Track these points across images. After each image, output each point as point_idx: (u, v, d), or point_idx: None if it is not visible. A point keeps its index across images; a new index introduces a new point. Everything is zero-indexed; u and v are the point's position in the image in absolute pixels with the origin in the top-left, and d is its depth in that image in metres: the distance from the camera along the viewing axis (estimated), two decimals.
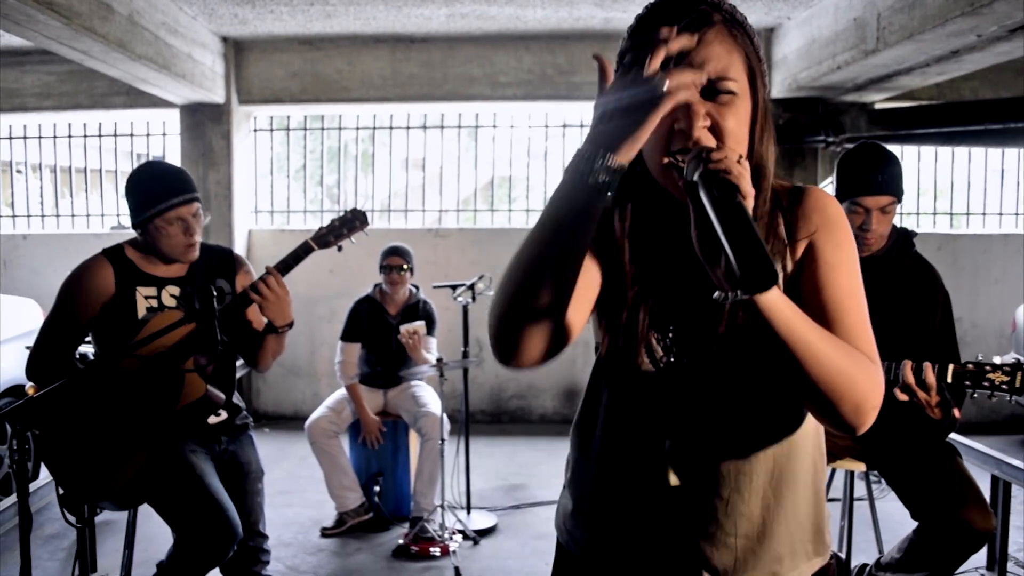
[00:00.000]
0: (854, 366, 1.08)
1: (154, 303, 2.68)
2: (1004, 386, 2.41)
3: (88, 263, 2.69)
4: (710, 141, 1.12)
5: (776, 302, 1.01)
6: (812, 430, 1.27)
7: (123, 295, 2.65)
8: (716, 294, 1.03)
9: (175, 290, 2.71)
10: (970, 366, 2.44)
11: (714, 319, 1.19)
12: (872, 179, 2.76)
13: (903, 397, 2.43)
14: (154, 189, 2.66)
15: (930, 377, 2.40)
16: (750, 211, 0.98)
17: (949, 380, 2.42)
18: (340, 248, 2.77)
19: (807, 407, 1.19)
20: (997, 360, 2.46)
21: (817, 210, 1.21)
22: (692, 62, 1.11)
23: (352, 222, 2.76)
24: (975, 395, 2.46)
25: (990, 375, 2.43)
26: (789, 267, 1.20)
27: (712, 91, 1.13)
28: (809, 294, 1.17)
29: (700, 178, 1.02)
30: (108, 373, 2.50)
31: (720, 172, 1.00)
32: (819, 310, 1.15)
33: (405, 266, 4.42)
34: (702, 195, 1.01)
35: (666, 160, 1.13)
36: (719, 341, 1.21)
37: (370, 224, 2.80)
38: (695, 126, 1.11)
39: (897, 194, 2.76)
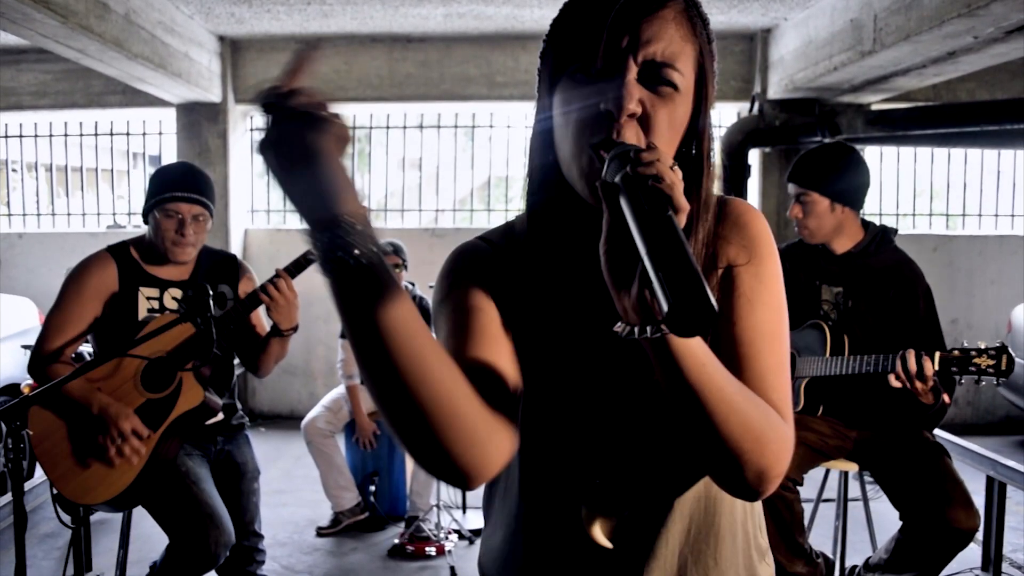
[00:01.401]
0: (767, 427, 0.93)
1: (155, 304, 2.67)
2: (990, 370, 2.46)
3: (92, 259, 2.69)
4: (633, 134, 0.94)
5: (692, 343, 0.85)
6: None
7: (125, 294, 2.65)
8: (618, 326, 0.86)
9: (177, 292, 2.71)
10: (956, 352, 2.50)
11: (614, 360, 1.03)
12: (800, 167, 2.90)
13: (897, 384, 2.49)
14: (163, 181, 2.68)
15: (928, 368, 2.45)
16: (681, 229, 0.79)
17: (936, 367, 2.47)
18: None
19: (706, 468, 1.02)
20: (982, 344, 2.50)
21: (739, 230, 1.04)
22: (639, 33, 0.94)
23: None
24: (962, 381, 2.51)
25: (976, 360, 2.48)
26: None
27: (653, 76, 0.95)
28: (722, 332, 1.00)
29: (623, 182, 0.83)
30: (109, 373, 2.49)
31: (650, 178, 0.82)
32: (729, 349, 0.99)
33: (401, 263, 4.41)
34: (623, 203, 0.82)
35: (585, 155, 0.95)
36: (617, 385, 1.04)
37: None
38: (623, 109, 0.92)
39: (822, 191, 2.82)
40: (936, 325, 2.80)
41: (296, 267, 2.62)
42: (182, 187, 2.66)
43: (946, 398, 2.60)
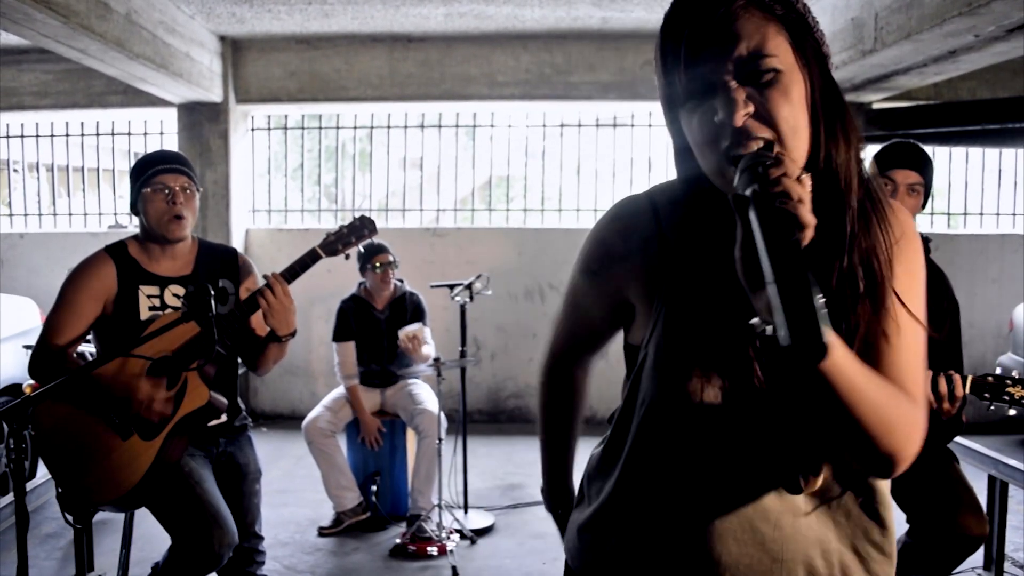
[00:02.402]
0: (897, 415, 0.98)
1: (156, 302, 2.66)
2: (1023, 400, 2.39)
3: (90, 260, 2.68)
4: (761, 132, 0.97)
5: (834, 361, 0.88)
6: None
7: (125, 293, 2.64)
8: (755, 320, 0.90)
9: (179, 289, 2.69)
10: (990, 379, 2.42)
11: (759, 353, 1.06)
12: (905, 155, 2.76)
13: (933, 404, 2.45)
14: (142, 164, 2.69)
15: (959, 389, 2.39)
16: (806, 244, 0.85)
17: (967, 391, 2.41)
18: (348, 256, 2.75)
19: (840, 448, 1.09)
20: (1016, 374, 2.45)
21: (895, 227, 1.08)
22: (718, 41, 0.98)
23: (360, 230, 2.73)
24: (992, 407, 2.45)
25: (1009, 389, 2.41)
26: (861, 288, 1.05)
27: (750, 72, 0.98)
28: (867, 320, 1.06)
29: (752, 198, 0.88)
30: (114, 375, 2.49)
31: (777, 196, 0.86)
32: (873, 340, 1.04)
33: (392, 260, 4.40)
34: (752, 218, 0.88)
35: (715, 160, 1.00)
36: (765, 379, 1.07)
37: (378, 231, 2.79)
38: (736, 115, 0.96)
39: (925, 177, 2.73)
40: (958, 346, 2.73)
41: (291, 273, 2.60)
42: (162, 162, 2.67)
43: (964, 417, 2.56)
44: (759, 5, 0.99)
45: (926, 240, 2.86)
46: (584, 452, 1.40)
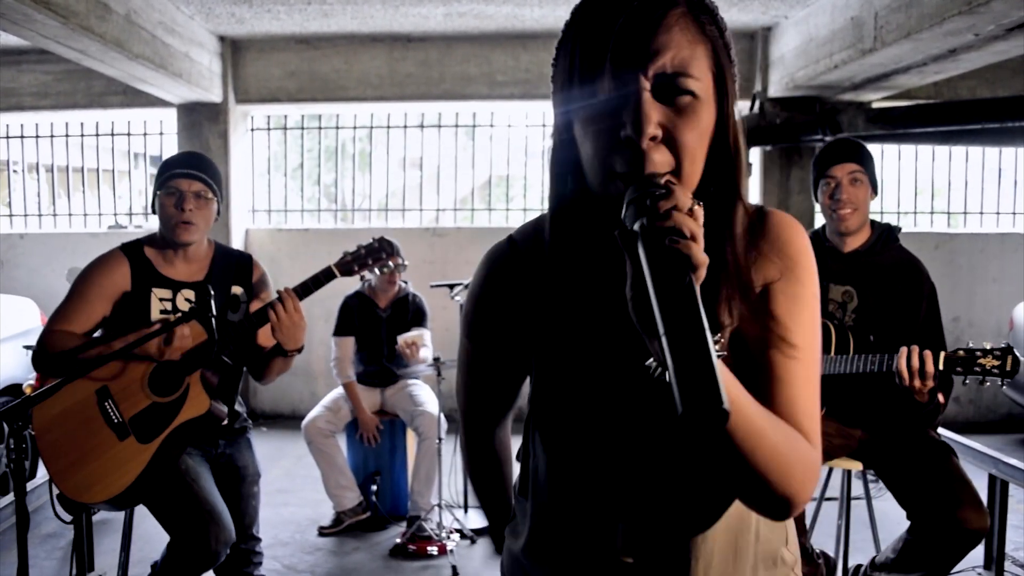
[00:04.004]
0: (794, 456, 0.94)
1: (168, 306, 2.65)
2: (995, 370, 2.46)
3: (106, 256, 2.68)
4: (660, 159, 0.90)
5: (732, 420, 0.84)
6: None
7: (138, 294, 2.63)
8: (649, 362, 0.85)
9: (190, 294, 2.68)
10: (961, 352, 2.49)
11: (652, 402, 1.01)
12: (837, 151, 2.88)
13: (906, 381, 2.49)
14: (164, 166, 2.70)
15: (929, 364, 2.45)
16: (698, 292, 0.77)
17: (941, 367, 2.47)
18: (363, 278, 2.73)
19: (733, 493, 1.04)
20: (987, 345, 2.49)
21: (780, 247, 1.01)
22: (645, 47, 0.89)
23: (379, 252, 2.70)
24: (967, 381, 2.50)
25: (981, 360, 2.48)
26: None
27: (668, 89, 0.90)
28: (755, 353, 0.99)
29: (641, 234, 0.80)
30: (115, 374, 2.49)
31: (667, 233, 0.79)
32: (762, 374, 0.98)
33: (401, 262, 4.40)
34: (641, 256, 0.80)
35: (605, 182, 0.93)
36: (641, 410, 1.03)
37: (401, 260, 2.73)
38: (644, 134, 0.88)
39: (864, 165, 2.83)
40: (938, 327, 2.79)
41: (304, 289, 2.59)
42: (181, 166, 2.68)
43: (941, 398, 2.59)
44: (695, 20, 0.92)
45: (895, 228, 2.90)
46: None
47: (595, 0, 0.95)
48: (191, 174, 2.66)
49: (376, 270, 2.72)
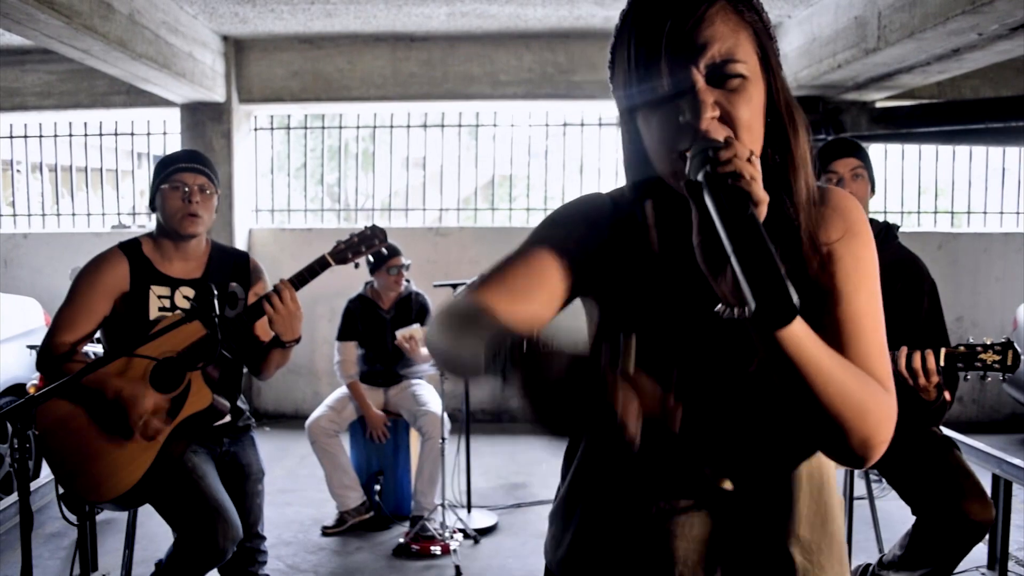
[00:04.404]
0: (868, 398, 0.98)
1: (167, 303, 2.66)
2: (996, 365, 2.46)
3: (104, 255, 2.69)
4: (721, 133, 0.97)
5: (793, 330, 0.89)
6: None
7: (137, 292, 2.64)
8: (719, 307, 0.92)
9: (189, 292, 2.69)
10: (962, 348, 2.50)
11: (725, 352, 1.05)
12: (839, 147, 2.93)
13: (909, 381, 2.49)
14: (166, 161, 2.72)
15: (931, 362, 2.45)
16: (762, 221, 0.85)
17: (942, 363, 2.47)
18: (357, 265, 2.76)
19: (811, 438, 1.07)
20: (987, 340, 2.49)
21: (841, 215, 1.08)
22: (693, 43, 0.98)
23: (371, 239, 2.75)
24: (967, 377, 2.50)
25: (982, 355, 2.48)
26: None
27: (719, 76, 0.99)
28: (824, 310, 1.04)
29: (705, 180, 0.89)
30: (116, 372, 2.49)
31: (728, 176, 0.88)
32: (833, 329, 1.03)
33: (405, 263, 4.41)
34: (707, 200, 0.89)
35: (674, 161, 1.00)
36: (729, 379, 1.07)
37: (387, 241, 2.79)
38: (702, 118, 0.97)
39: (863, 161, 2.89)
40: (941, 323, 2.80)
41: (300, 279, 2.61)
42: (185, 161, 2.71)
43: (947, 395, 2.59)
44: (734, 10, 1.01)
45: (893, 226, 2.92)
46: None
47: (644, 3, 1.04)
48: (195, 168, 2.69)
49: (370, 257, 2.74)
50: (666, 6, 1.00)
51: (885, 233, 2.89)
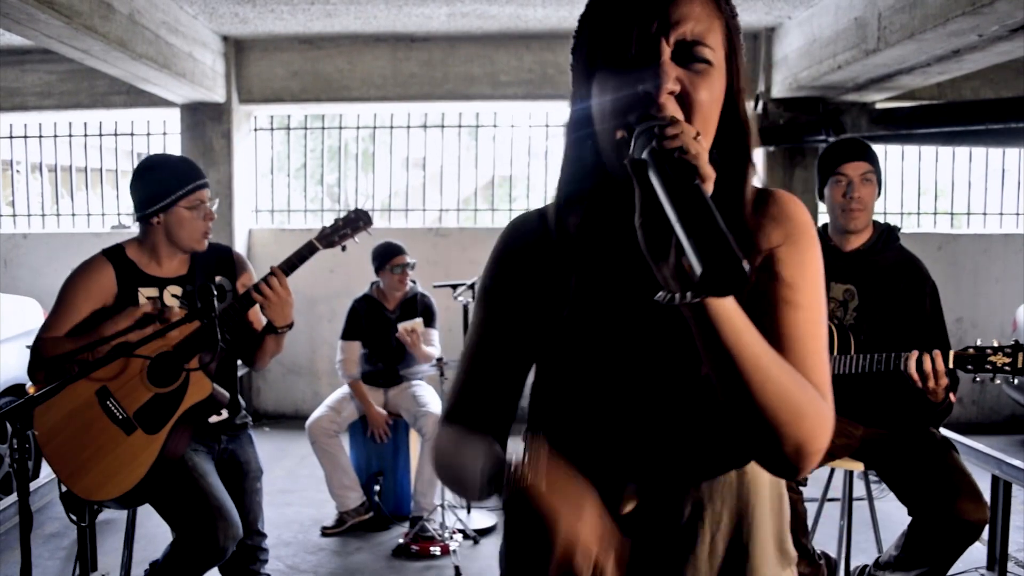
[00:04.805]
0: (805, 402, 0.94)
1: (157, 304, 2.67)
2: (1007, 367, 2.46)
3: (88, 263, 2.69)
4: (675, 111, 0.96)
5: (730, 310, 0.88)
6: None
7: (125, 296, 2.65)
8: (659, 295, 0.89)
9: (177, 290, 2.72)
10: (971, 350, 2.50)
11: (671, 356, 1.05)
12: (848, 149, 2.89)
13: (918, 383, 2.50)
14: (175, 175, 2.68)
15: (940, 364, 2.45)
16: (709, 195, 0.83)
17: (951, 365, 2.47)
18: (344, 248, 2.79)
19: (744, 442, 1.03)
20: (996, 343, 2.50)
21: (785, 218, 1.06)
22: (668, 15, 0.97)
23: (356, 222, 2.77)
24: (977, 379, 2.50)
25: (991, 358, 2.48)
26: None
27: (686, 55, 0.98)
28: (763, 314, 1.00)
29: (650, 156, 0.87)
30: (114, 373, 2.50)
31: (675, 150, 0.85)
32: (772, 333, 0.98)
33: (410, 262, 4.43)
34: (651, 175, 0.86)
35: (620, 134, 0.97)
36: (659, 359, 1.06)
37: (373, 223, 2.82)
38: (662, 89, 0.95)
39: (874, 165, 2.86)
40: (941, 325, 2.80)
41: (289, 265, 2.65)
42: (196, 175, 2.71)
43: (952, 396, 2.60)
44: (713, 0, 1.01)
45: (895, 228, 2.92)
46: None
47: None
48: (207, 183, 2.73)
49: (355, 239, 2.76)
50: None
51: (887, 235, 2.89)
